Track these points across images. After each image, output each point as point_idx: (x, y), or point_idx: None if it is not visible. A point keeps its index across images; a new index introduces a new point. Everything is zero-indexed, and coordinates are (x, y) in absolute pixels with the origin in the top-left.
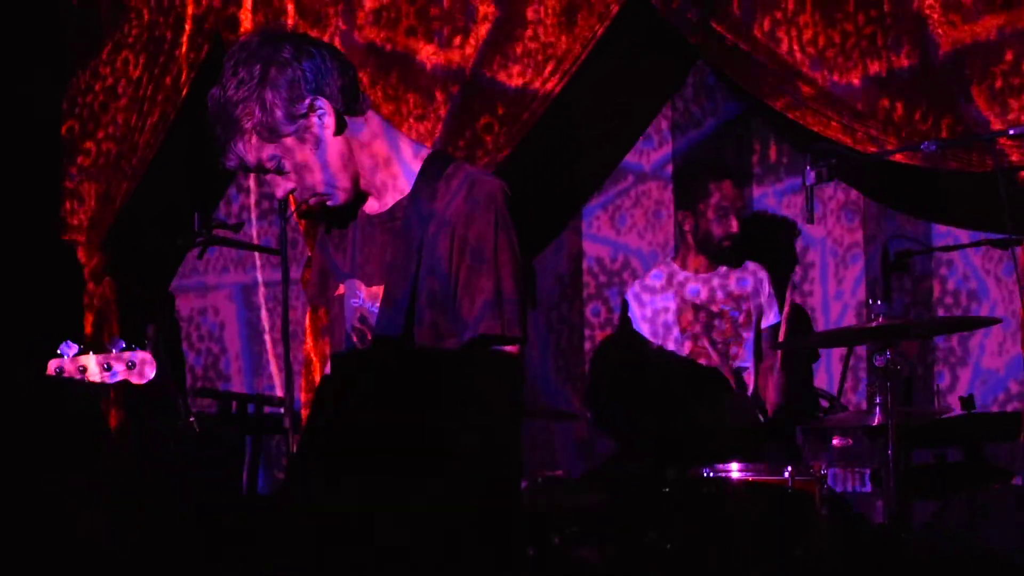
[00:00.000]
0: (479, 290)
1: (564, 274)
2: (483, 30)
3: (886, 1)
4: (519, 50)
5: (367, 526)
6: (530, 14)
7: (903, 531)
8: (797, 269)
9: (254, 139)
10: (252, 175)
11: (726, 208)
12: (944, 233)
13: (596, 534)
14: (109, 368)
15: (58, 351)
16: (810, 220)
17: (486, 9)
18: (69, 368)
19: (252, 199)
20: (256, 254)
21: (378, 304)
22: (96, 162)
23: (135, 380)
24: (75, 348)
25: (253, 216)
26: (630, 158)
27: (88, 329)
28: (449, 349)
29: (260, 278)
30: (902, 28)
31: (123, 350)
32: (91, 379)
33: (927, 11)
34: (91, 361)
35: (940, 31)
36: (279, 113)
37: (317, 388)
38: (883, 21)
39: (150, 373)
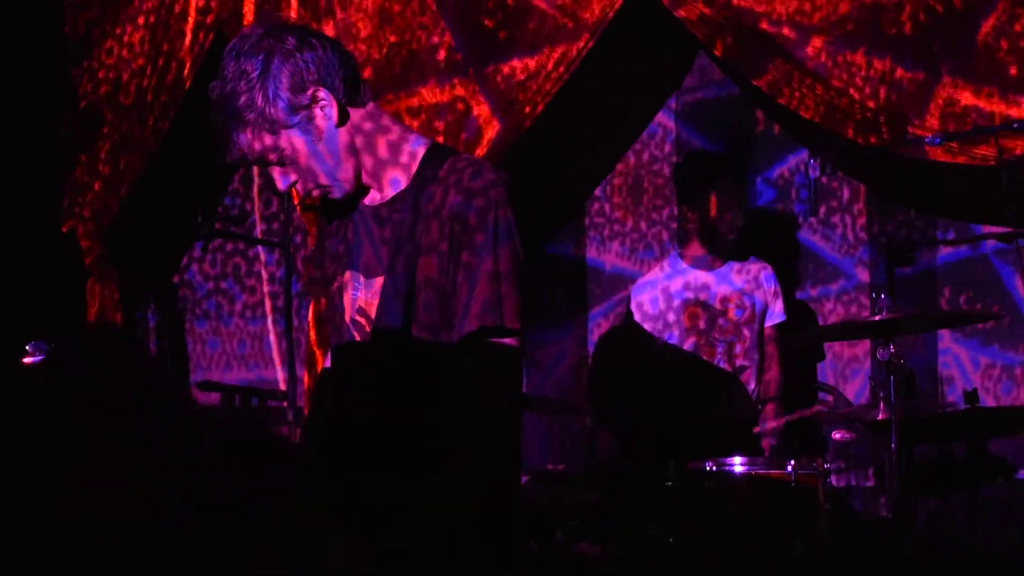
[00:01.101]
0: (478, 283)
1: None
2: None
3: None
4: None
5: (367, 524)
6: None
7: (905, 527)
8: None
9: (256, 131)
10: (254, 168)
11: (728, 201)
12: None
13: (598, 529)
14: None
15: (27, 349)
16: (814, 213)
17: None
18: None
19: (255, 193)
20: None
21: (378, 296)
22: (100, 154)
23: None
24: (43, 346)
25: (256, 209)
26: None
27: (91, 321)
28: (448, 343)
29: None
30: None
31: None
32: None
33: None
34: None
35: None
36: (281, 104)
37: (317, 381)
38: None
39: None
